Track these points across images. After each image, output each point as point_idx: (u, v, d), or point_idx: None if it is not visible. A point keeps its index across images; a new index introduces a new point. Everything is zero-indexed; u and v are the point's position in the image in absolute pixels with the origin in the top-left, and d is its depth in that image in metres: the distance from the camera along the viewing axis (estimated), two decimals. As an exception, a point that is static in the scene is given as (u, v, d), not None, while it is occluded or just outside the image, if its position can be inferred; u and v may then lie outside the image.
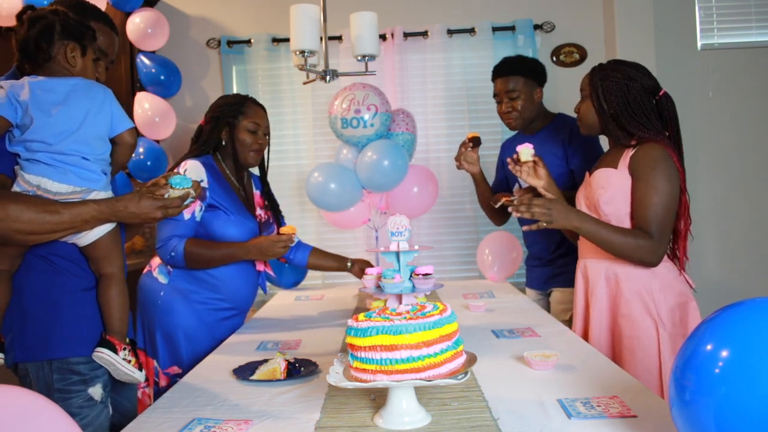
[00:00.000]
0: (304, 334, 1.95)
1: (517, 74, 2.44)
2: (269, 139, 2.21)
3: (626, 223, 1.83)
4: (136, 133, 1.53)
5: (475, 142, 2.45)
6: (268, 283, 3.32)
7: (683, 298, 1.81)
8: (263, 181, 2.30)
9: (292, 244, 2.04)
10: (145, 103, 3.34)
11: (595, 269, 1.92)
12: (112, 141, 1.50)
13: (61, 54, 1.43)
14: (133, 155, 2.79)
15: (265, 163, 2.27)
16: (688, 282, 1.87)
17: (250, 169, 2.26)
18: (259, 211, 2.19)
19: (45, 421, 0.83)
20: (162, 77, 3.45)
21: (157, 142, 3.48)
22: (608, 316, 1.89)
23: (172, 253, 1.93)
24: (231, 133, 2.09)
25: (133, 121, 1.82)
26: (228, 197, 2.05)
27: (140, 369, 1.52)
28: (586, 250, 1.97)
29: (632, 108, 1.85)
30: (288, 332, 2.00)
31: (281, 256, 2.05)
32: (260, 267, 2.18)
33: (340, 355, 1.23)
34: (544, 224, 1.80)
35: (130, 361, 1.48)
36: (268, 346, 1.82)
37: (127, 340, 1.52)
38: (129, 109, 3.15)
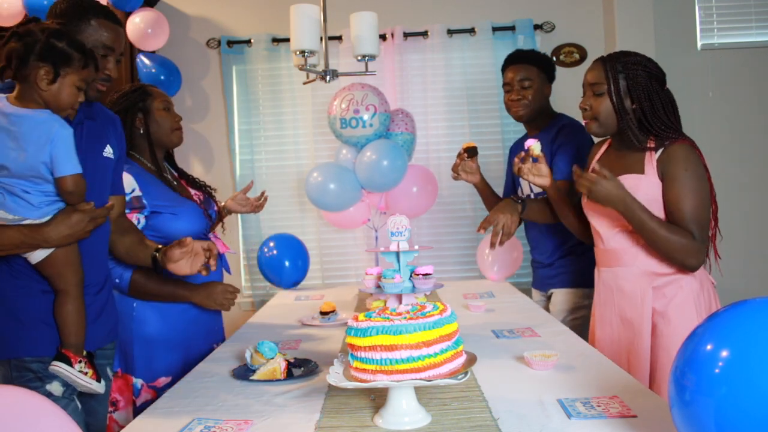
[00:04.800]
0: (304, 334, 1.96)
1: (532, 64, 2.42)
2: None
3: None
4: (80, 181, 1.42)
5: (471, 152, 2.39)
6: (268, 284, 3.34)
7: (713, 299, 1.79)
8: (173, 165, 2.15)
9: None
10: (145, 103, 3.33)
11: (630, 278, 1.80)
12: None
13: (32, 76, 1.38)
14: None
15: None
16: (713, 283, 1.83)
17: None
18: (193, 192, 2.10)
19: (45, 421, 0.83)
20: (162, 77, 3.44)
21: (157, 142, 3.47)
22: (651, 323, 1.77)
23: (117, 281, 1.85)
24: (145, 118, 1.98)
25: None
26: (164, 195, 1.95)
27: (98, 380, 1.49)
28: (613, 258, 1.84)
29: (657, 104, 1.74)
30: (288, 332, 2.00)
31: (227, 309, 1.96)
32: (223, 249, 2.08)
33: (340, 355, 1.23)
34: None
35: (86, 373, 1.46)
36: (268, 346, 1.82)
37: (84, 352, 1.50)
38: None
